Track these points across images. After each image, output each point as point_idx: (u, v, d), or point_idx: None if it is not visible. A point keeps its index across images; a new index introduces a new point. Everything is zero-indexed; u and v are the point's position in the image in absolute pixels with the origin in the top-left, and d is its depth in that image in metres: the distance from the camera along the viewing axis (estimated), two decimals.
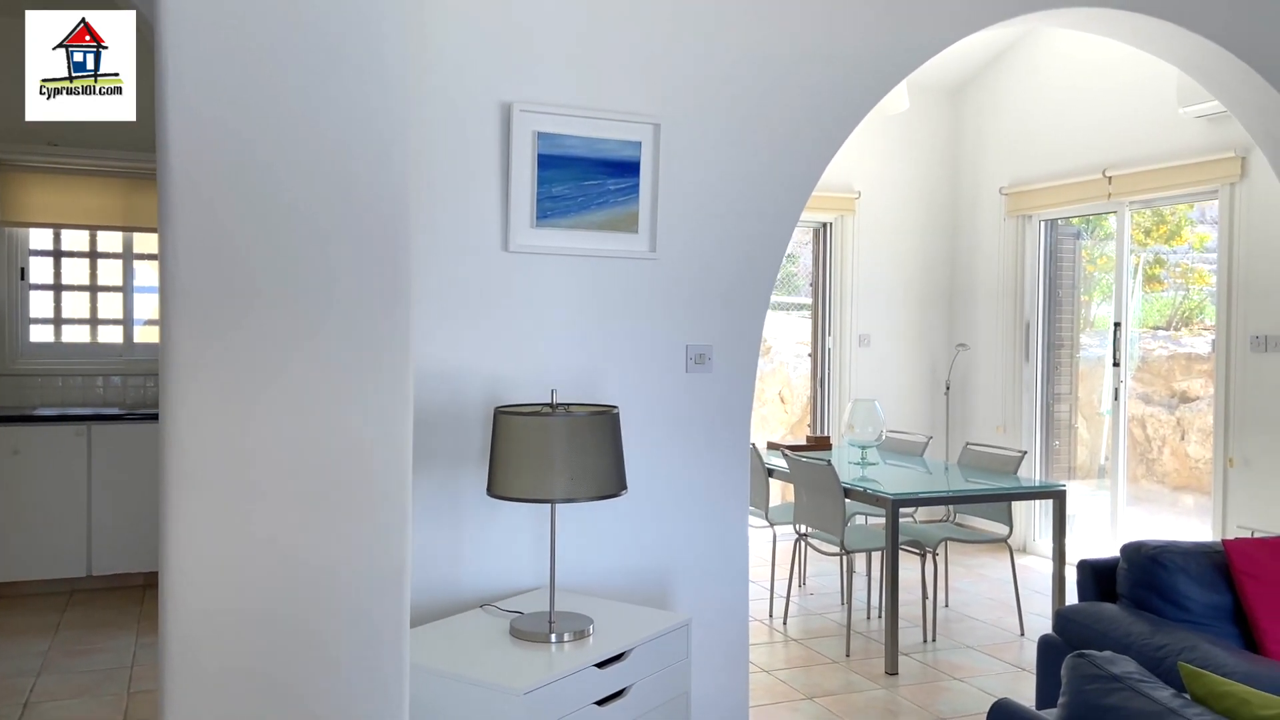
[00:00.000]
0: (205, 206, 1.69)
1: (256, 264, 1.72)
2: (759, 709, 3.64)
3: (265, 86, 1.72)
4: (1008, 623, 4.75)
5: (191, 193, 1.68)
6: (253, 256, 1.71)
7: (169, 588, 1.68)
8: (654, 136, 2.90)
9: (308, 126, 1.74)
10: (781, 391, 8.58)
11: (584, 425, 2.37)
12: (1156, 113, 5.40)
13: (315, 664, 1.74)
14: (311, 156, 1.75)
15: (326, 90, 1.76)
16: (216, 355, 1.69)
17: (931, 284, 6.87)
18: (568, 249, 2.83)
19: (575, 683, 2.23)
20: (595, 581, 2.91)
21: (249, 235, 1.72)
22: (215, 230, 1.70)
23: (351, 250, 1.77)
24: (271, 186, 1.73)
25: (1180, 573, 2.82)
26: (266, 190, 1.72)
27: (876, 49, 3.13)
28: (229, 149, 1.70)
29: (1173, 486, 6.60)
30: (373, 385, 1.76)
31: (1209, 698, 1.85)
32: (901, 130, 6.73)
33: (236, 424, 1.70)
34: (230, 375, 1.70)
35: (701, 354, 3.05)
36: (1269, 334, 4.87)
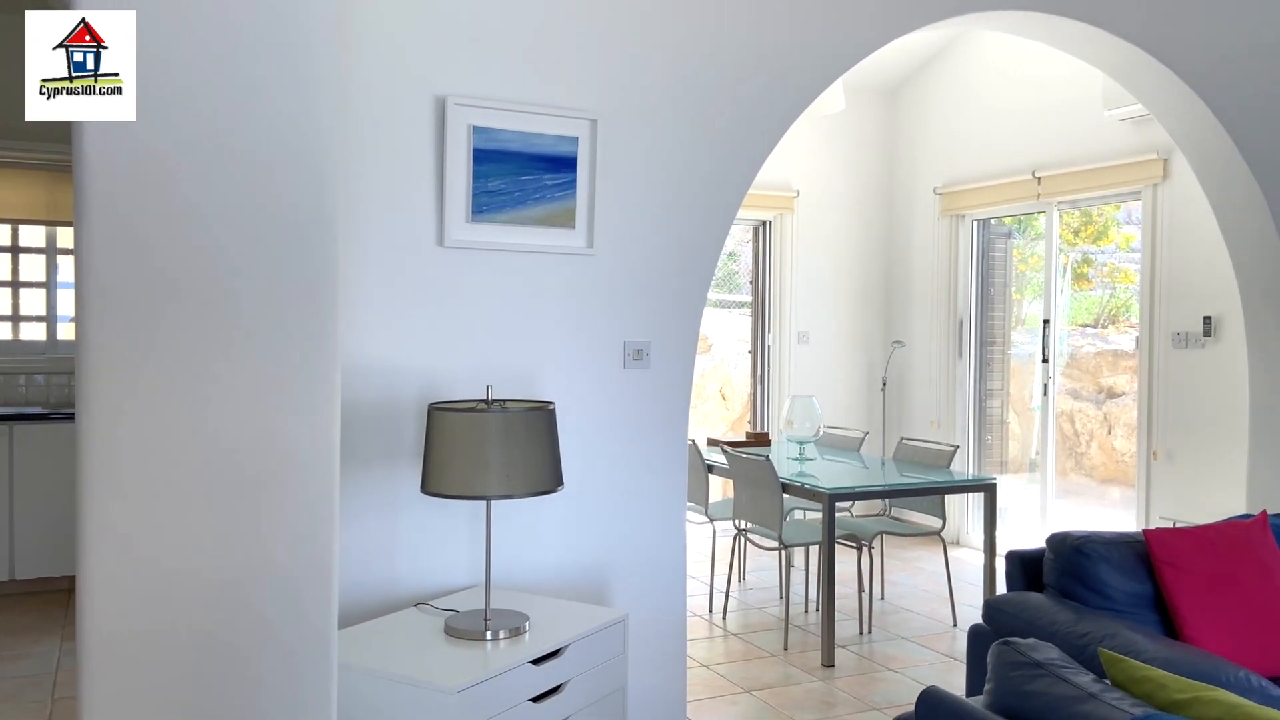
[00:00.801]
0: (122, 204, 1.64)
1: (175, 262, 1.68)
2: (697, 703, 3.66)
3: (184, 85, 1.68)
4: (941, 614, 4.85)
5: (108, 190, 1.63)
6: (171, 254, 1.67)
7: (87, 592, 1.63)
8: (591, 132, 2.89)
9: (228, 124, 1.71)
10: (722, 388, 8.63)
11: (519, 421, 2.36)
12: (1083, 115, 5.55)
13: (239, 665, 1.70)
14: (232, 155, 1.72)
15: (248, 88, 1.73)
16: (135, 355, 1.64)
17: (869, 282, 6.98)
18: (504, 244, 2.81)
19: (510, 680, 2.22)
20: (532, 578, 2.90)
21: (167, 233, 1.68)
22: (133, 228, 1.65)
23: (275, 249, 1.74)
24: (190, 184, 1.69)
25: (1103, 562, 2.90)
26: (185, 188, 1.69)
27: (810, 49, 3.16)
28: (147, 146, 1.66)
29: (1100, 479, 6.79)
30: (298, 383, 1.73)
31: (1128, 682, 1.91)
32: (838, 130, 6.82)
33: (156, 424, 1.66)
34: (149, 375, 1.65)
35: (639, 350, 3.06)
36: (1189, 331, 5.03)
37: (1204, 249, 4.86)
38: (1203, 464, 4.97)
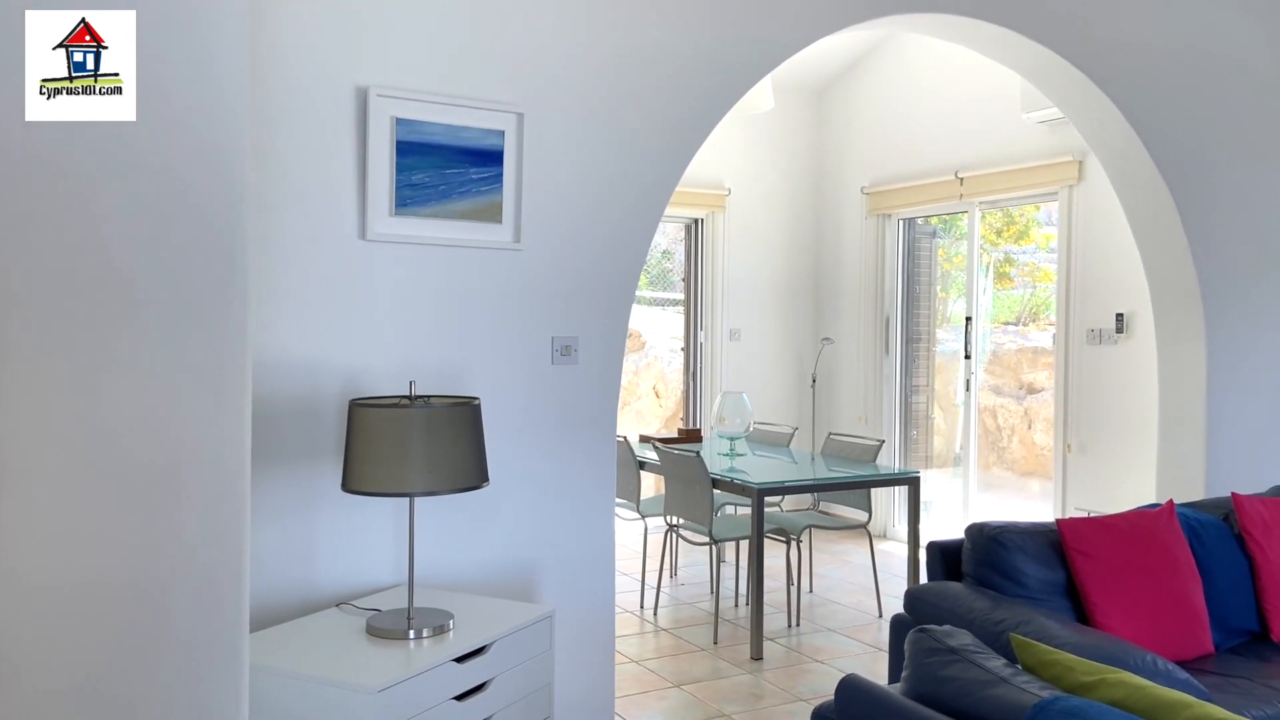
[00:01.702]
0: (15, 195, 1.59)
1: (76, 257, 1.62)
2: (627, 699, 3.67)
3: None
4: (867, 605, 4.94)
5: (4, 183, 1.58)
6: (72, 249, 1.62)
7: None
8: (518, 126, 2.87)
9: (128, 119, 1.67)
10: (656, 386, 8.66)
11: (443, 417, 2.34)
12: (1003, 118, 5.69)
13: (142, 669, 1.66)
14: (132, 148, 1.68)
15: (150, 82, 1.69)
16: (35, 350, 1.58)
17: (799, 280, 7.06)
18: (429, 238, 2.78)
19: (433, 679, 2.20)
20: (459, 576, 2.87)
21: (66, 227, 1.62)
22: (29, 220, 1.60)
23: (181, 242, 1.70)
24: (81, 179, 1.64)
25: (1018, 551, 2.98)
26: (74, 184, 1.64)
27: (736, 47, 3.19)
28: (37, 140, 1.62)
29: (1021, 472, 6.99)
30: (206, 379, 1.68)
31: (1037, 666, 1.96)
32: (769, 129, 6.89)
33: (58, 421, 1.60)
34: (51, 371, 1.60)
35: (567, 346, 3.05)
36: (1103, 328, 5.21)
37: (1117, 248, 5.02)
38: (1116, 456, 5.15)
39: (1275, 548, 3.20)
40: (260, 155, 2.53)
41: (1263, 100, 4.32)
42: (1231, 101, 4.23)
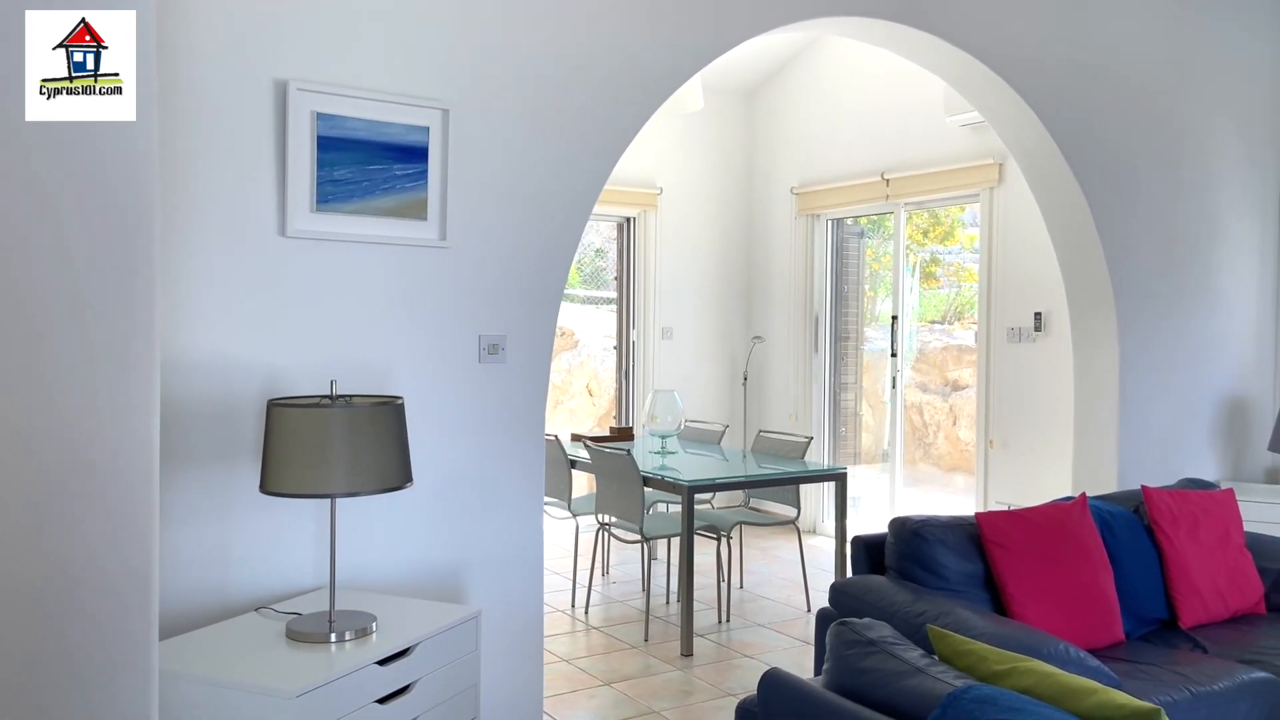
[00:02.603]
0: None
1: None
2: (557, 698, 3.66)
3: None
4: (796, 600, 5.00)
5: None
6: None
7: None
8: (443, 122, 2.84)
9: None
10: (589, 384, 8.65)
11: (365, 416, 2.30)
12: (927, 120, 5.82)
13: (46, 676, 1.60)
14: (29, 140, 1.62)
15: None
16: None
17: (730, 278, 7.12)
18: (351, 235, 2.73)
19: (354, 682, 2.16)
20: (384, 578, 2.83)
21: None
22: None
23: (81, 237, 1.65)
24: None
25: (939, 544, 3.05)
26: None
27: (663, 47, 3.20)
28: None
29: (946, 468, 7.15)
30: (112, 378, 1.63)
31: (953, 656, 2.01)
32: (700, 129, 6.93)
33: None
34: None
35: (495, 344, 3.03)
36: (1022, 326, 5.35)
37: (1036, 249, 5.17)
38: (1035, 450, 5.30)
39: (1182, 538, 3.33)
40: (174, 149, 2.46)
41: (1172, 109, 4.49)
42: (1144, 109, 4.39)
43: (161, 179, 2.30)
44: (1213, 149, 4.65)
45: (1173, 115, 4.50)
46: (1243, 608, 3.32)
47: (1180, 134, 4.52)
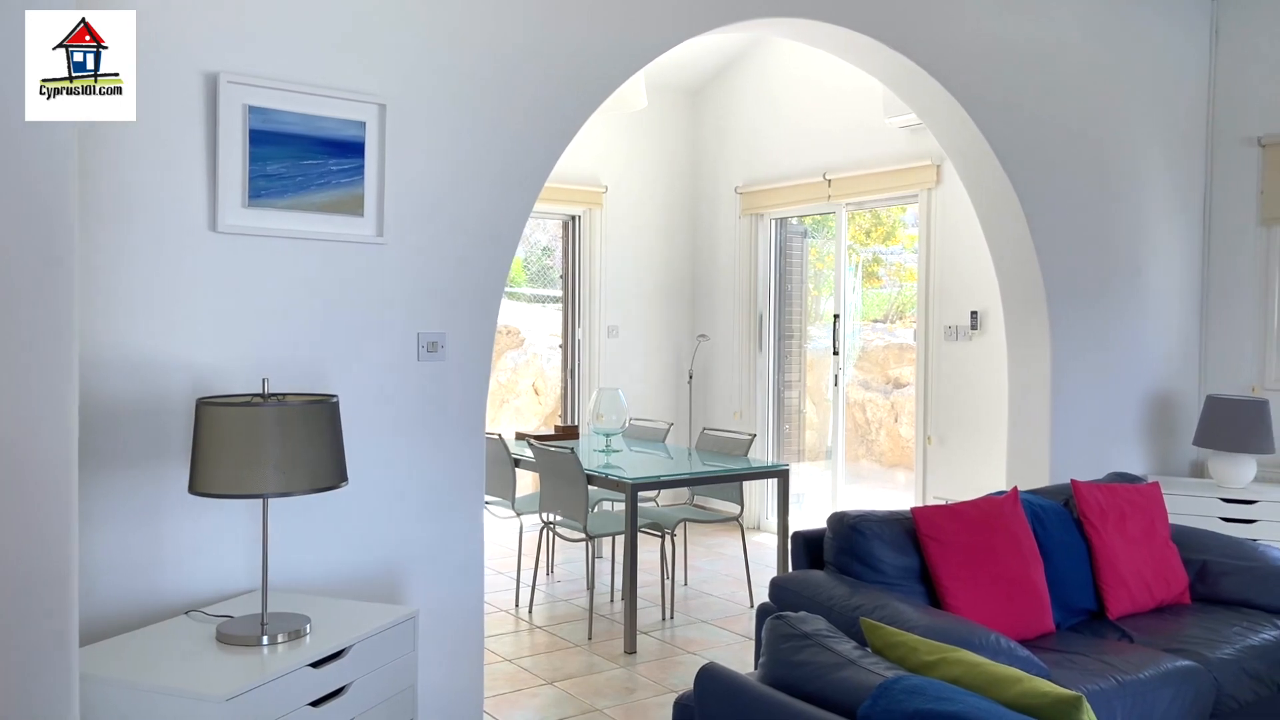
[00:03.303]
0: None
1: None
2: (499, 698, 3.64)
3: None
4: (739, 596, 5.04)
5: None
6: None
7: None
8: (379, 117, 2.81)
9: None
10: (535, 383, 8.62)
11: (297, 415, 2.27)
12: (867, 121, 5.89)
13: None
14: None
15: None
16: None
17: (675, 277, 7.14)
18: (285, 231, 2.69)
19: (286, 685, 2.13)
20: (320, 580, 2.79)
21: None
22: None
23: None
24: None
25: (876, 539, 3.09)
26: None
27: (601, 46, 3.20)
28: None
29: (888, 464, 7.26)
30: (26, 375, 1.58)
31: (884, 647, 2.05)
32: (645, 127, 6.94)
33: None
34: None
35: (434, 342, 3.00)
36: (959, 325, 5.45)
37: (972, 248, 5.27)
38: (971, 446, 5.40)
39: (1110, 531, 3.42)
40: (100, 140, 2.40)
41: (1102, 111, 4.61)
42: (1075, 112, 4.49)
43: (87, 172, 2.25)
44: (1140, 151, 4.78)
45: (1102, 118, 4.61)
46: (1168, 598, 3.42)
47: (1109, 136, 4.65)
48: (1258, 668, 3.03)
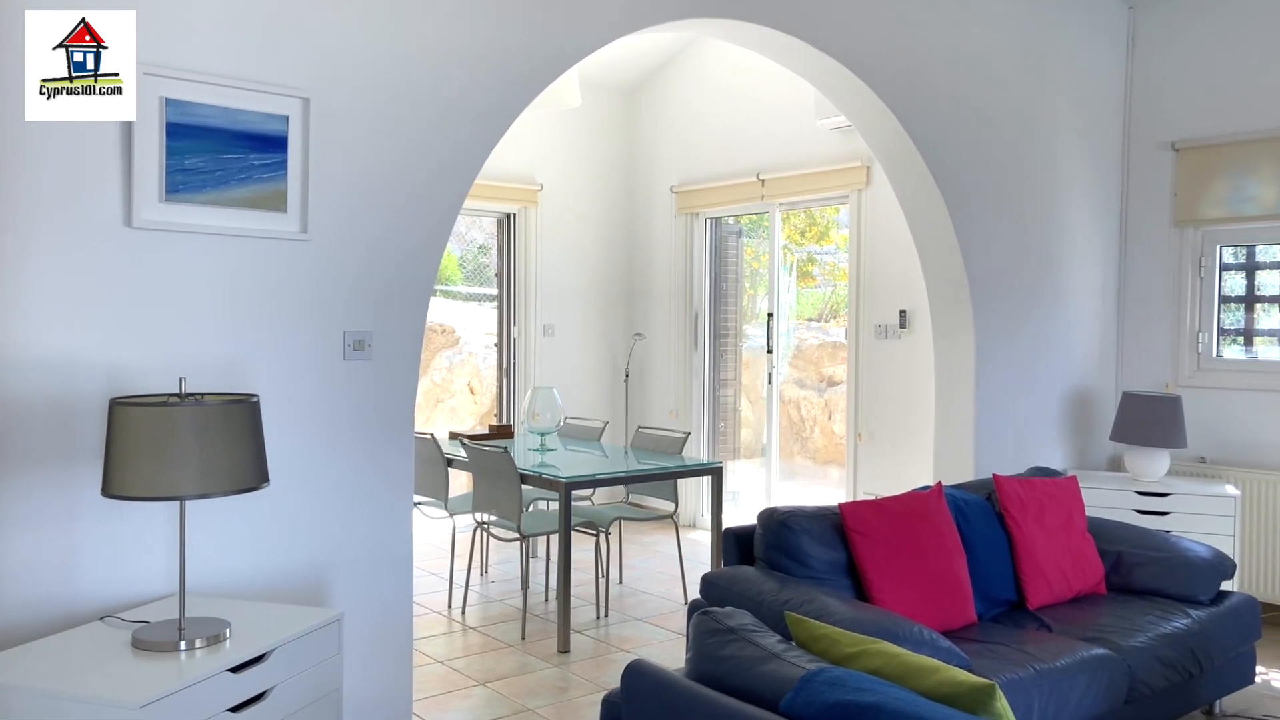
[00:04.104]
0: None
1: None
2: (430, 700, 3.61)
3: None
4: (674, 594, 5.06)
5: None
6: None
7: None
8: (303, 111, 2.76)
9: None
10: (471, 382, 8.54)
11: (216, 415, 2.22)
12: (799, 123, 5.97)
13: None
14: None
15: None
16: None
17: (612, 275, 7.15)
18: (204, 226, 2.62)
19: (205, 690, 2.08)
20: (242, 583, 2.73)
21: None
22: None
23: None
24: None
25: (804, 534, 3.14)
26: None
27: (534, 44, 3.19)
28: None
29: (822, 461, 7.36)
30: None
31: (808, 641, 2.08)
32: (580, 126, 6.93)
33: None
34: None
35: (360, 340, 2.96)
36: (888, 324, 5.55)
37: (900, 248, 5.37)
38: (900, 442, 5.51)
39: (1030, 523, 3.52)
40: (7, 134, 2.31)
41: (1026, 118, 4.73)
42: (998, 114, 4.61)
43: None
44: (1061, 154, 4.93)
45: (1025, 122, 4.74)
46: (1085, 588, 3.53)
47: (1031, 140, 4.77)
48: (1169, 655, 3.15)
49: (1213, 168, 4.94)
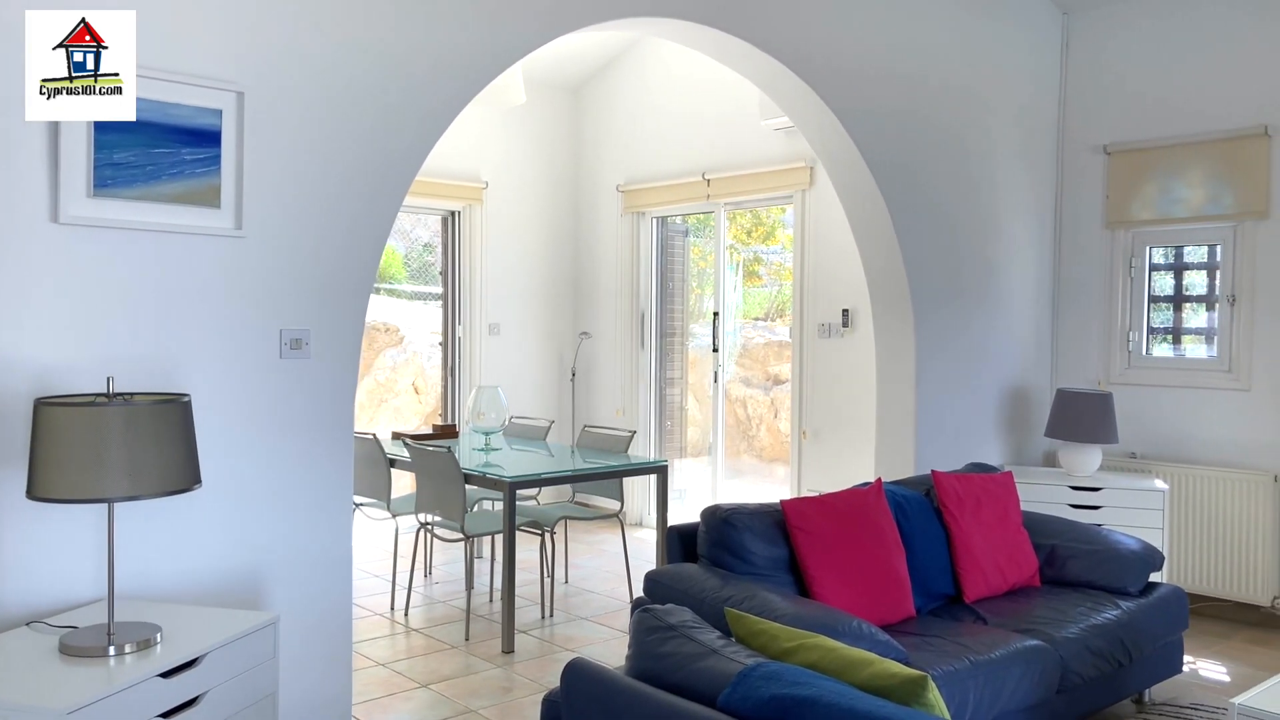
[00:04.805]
0: None
1: None
2: (371, 703, 3.56)
3: None
4: (620, 592, 5.07)
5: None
6: None
7: None
8: (238, 105, 2.71)
9: None
10: (415, 381, 8.46)
11: (145, 415, 2.17)
12: (744, 123, 6.01)
13: None
14: None
15: None
16: None
17: (558, 274, 7.13)
18: (134, 222, 2.56)
19: (135, 696, 2.04)
20: (175, 587, 2.67)
21: None
22: None
23: None
24: None
25: (747, 531, 3.16)
26: None
27: (474, 41, 3.17)
28: None
29: (768, 459, 7.42)
30: None
31: (747, 636, 2.09)
32: (526, 123, 6.90)
33: None
34: None
35: (298, 339, 2.91)
36: (831, 322, 5.62)
37: (843, 248, 5.43)
38: (843, 440, 5.58)
39: (967, 519, 3.59)
40: None
41: (964, 122, 4.82)
42: (937, 117, 4.69)
43: None
44: (998, 157, 5.03)
45: (963, 125, 4.83)
46: (1020, 581, 3.61)
47: (970, 142, 4.87)
48: (1100, 645, 3.23)
49: (1143, 171, 5.09)
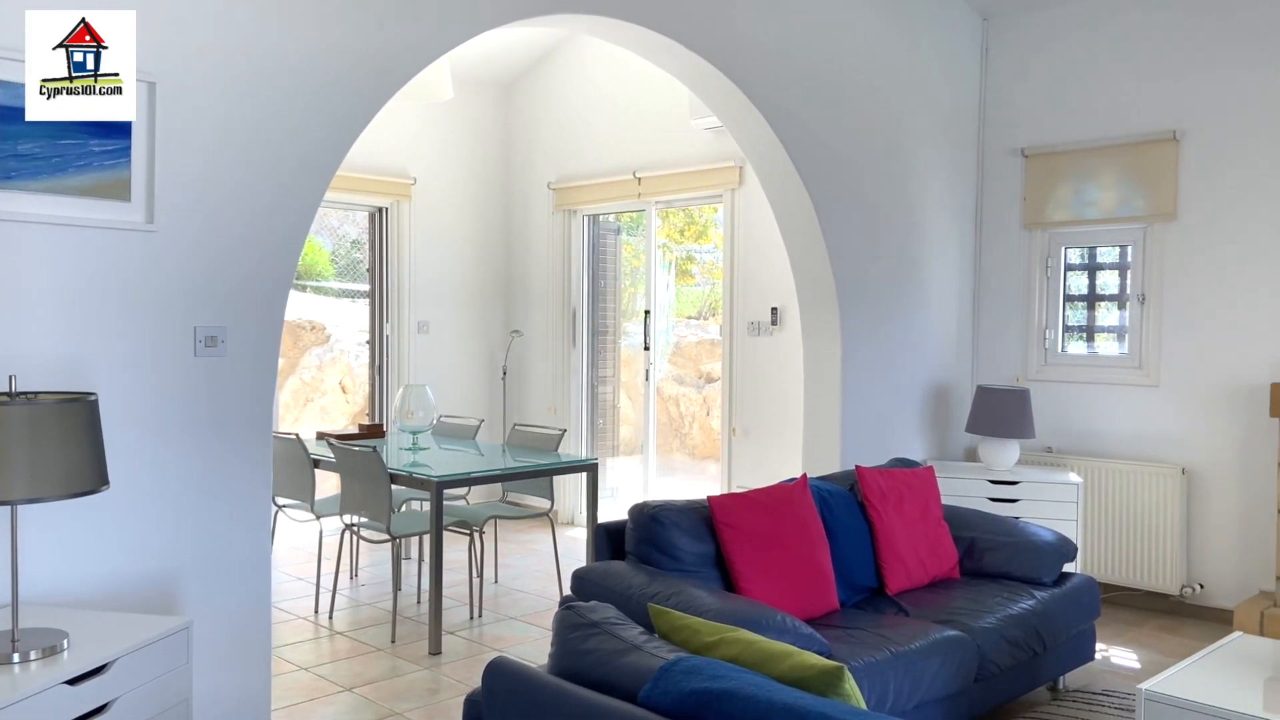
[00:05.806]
0: None
1: None
2: (291, 708, 3.49)
3: None
4: (550, 591, 5.05)
5: None
6: None
7: None
8: (149, 95, 2.62)
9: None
10: (343, 380, 8.31)
11: (49, 415, 2.09)
12: (674, 122, 6.04)
13: None
14: None
15: None
16: None
17: (489, 272, 7.07)
18: (38, 215, 2.47)
19: (39, 704, 1.97)
20: (84, 592, 2.59)
21: None
22: None
23: None
24: None
25: (674, 528, 3.17)
26: None
27: (395, 36, 3.12)
28: None
29: (700, 457, 7.48)
30: None
31: (669, 631, 2.10)
32: (455, 119, 6.83)
33: None
34: None
35: (213, 336, 2.84)
36: (760, 320, 5.68)
37: (772, 247, 5.49)
38: (772, 437, 5.64)
39: (890, 513, 3.66)
40: None
41: (888, 124, 4.91)
42: (861, 117, 4.77)
43: None
44: (921, 158, 5.13)
45: (887, 127, 4.92)
46: (940, 573, 3.70)
47: (893, 144, 4.96)
48: (1016, 634, 3.32)
49: (1058, 173, 5.24)
